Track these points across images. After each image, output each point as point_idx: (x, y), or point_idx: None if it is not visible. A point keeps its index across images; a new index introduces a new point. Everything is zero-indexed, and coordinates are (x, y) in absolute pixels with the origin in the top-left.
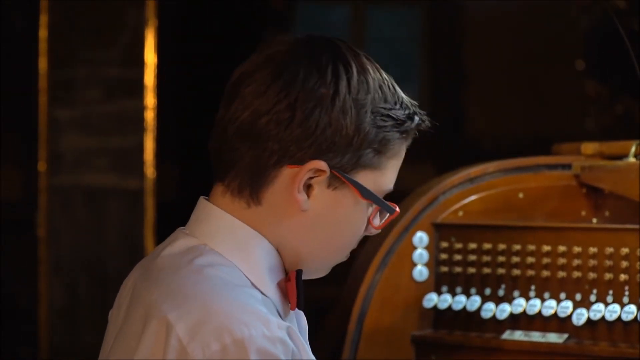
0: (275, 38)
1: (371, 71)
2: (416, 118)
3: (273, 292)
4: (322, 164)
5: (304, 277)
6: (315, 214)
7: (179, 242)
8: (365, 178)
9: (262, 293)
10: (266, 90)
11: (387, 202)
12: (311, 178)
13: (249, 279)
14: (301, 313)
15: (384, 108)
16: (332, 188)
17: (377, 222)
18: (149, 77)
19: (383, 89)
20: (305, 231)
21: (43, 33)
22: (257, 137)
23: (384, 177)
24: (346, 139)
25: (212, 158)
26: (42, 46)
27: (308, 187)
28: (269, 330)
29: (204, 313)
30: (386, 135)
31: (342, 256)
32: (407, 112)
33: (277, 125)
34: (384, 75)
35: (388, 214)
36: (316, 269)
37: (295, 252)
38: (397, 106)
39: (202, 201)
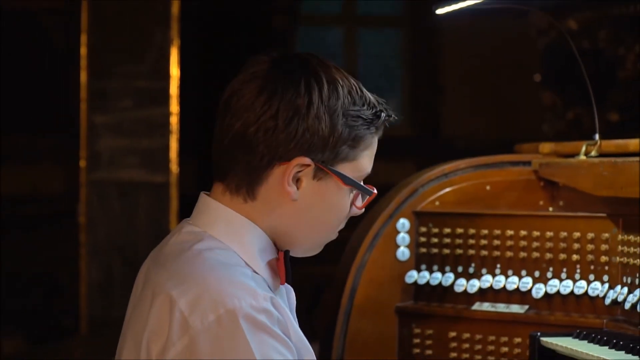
0: (258, 56)
1: (340, 80)
2: (383, 115)
3: (263, 270)
4: (306, 159)
5: (301, 255)
6: (305, 202)
7: (184, 231)
8: (344, 168)
9: (254, 271)
10: (252, 104)
11: (365, 186)
12: (299, 172)
13: (243, 259)
14: (291, 289)
15: (354, 110)
16: (317, 179)
17: (359, 203)
18: (173, 88)
19: (352, 94)
20: (298, 218)
21: (83, 51)
22: (248, 144)
23: (360, 165)
24: (323, 139)
25: (213, 162)
26: (83, 62)
27: (297, 181)
28: (256, 301)
29: (201, 289)
30: (358, 133)
31: (331, 236)
32: (374, 110)
33: (265, 133)
34: (352, 81)
35: (368, 196)
36: (309, 248)
37: (289, 235)
38: (365, 107)
39: (202, 196)
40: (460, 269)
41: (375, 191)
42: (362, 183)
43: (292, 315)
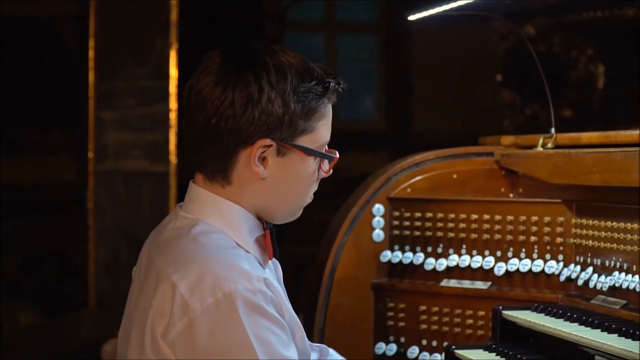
0: (210, 52)
1: (286, 62)
2: (331, 85)
3: (253, 248)
4: (267, 140)
5: (283, 222)
6: (274, 178)
7: (179, 217)
8: (304, 141)
9: (246, 251)
10: (210, 96)
11: (327, 152)
12: (263, 152)
13: (234, 240)
14: (277, 263)
15: (303, 87)
16: (281, 155)
17: (325, 167)
18: (173, 87)
19: (299, 72)
20: (272, 192)
21: (91, 54)
22: (213, 134)
23: (318, 135)
24: (279, 119)
25: (188, 155)
26: (91, 64)
27: (263, 160)
28: (251, 284)
29: (200, 273)
30: (311, 107)
31: (306, 201)
32: (322, 83)
33: (226, 122)
34: (299, 59)
35: (331, 161)
36: (289, 215)
37: (268, 209)
38: (314, 82)
39: (191, 185)
40: (429, 249)
41: (337, 155)
42: (325, 149)
43: (282, 287)
